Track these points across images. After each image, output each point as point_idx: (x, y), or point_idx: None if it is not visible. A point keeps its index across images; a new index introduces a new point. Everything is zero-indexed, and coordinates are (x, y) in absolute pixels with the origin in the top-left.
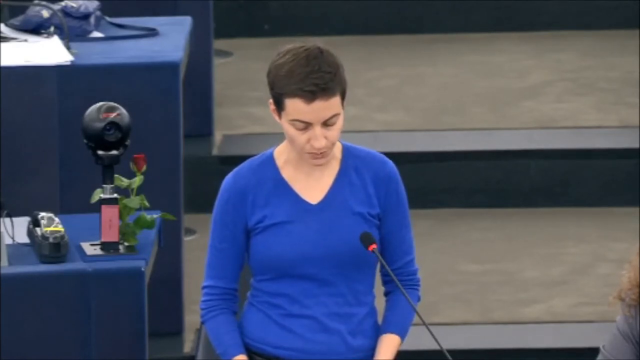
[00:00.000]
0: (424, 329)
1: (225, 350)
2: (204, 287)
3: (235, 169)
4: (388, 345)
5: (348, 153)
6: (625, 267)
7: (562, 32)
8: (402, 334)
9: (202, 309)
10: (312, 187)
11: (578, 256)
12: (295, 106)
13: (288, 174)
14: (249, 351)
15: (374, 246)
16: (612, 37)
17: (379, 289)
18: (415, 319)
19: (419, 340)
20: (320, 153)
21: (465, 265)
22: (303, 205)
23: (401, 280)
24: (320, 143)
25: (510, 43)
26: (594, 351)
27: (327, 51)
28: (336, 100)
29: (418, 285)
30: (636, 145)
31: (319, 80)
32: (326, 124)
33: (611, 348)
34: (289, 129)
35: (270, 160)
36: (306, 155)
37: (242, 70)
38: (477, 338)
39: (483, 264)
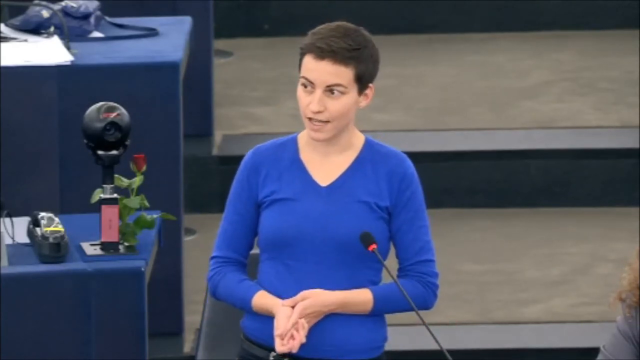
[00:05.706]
0: (424, 329)
1: (242, 298)
2: (212, 258)
3: (257, 146)
4: (351, 292)
5: (369, 146)
6: (625, 270)
7: (562, 32)
8: (378, 301)
9: (210, 279)
10: (326, 170)
11: (578, 256)
12: (306, 62)
13: (305, 155)
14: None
15: (373, 246)
16: (612, 37)
17: None
18: (415, 319)
19: (419, 340)
20: (318, 123)
21: (465, 265)
22: (312, 186)
23: (412, 277)
24: (315, 107)
25: (510, 43)
26: (594, 351)
27: (362, 32)
28: (347, 73)
29: (429, 285)
30: (636, 145)
31: (334, 44)
32: (330, 91)
33: (611, 348)
34: (298, 89)
35: (293, 141)
36: (307, 122)
37: (242, 70)
38: (477, 338)
39: (483, 264)
